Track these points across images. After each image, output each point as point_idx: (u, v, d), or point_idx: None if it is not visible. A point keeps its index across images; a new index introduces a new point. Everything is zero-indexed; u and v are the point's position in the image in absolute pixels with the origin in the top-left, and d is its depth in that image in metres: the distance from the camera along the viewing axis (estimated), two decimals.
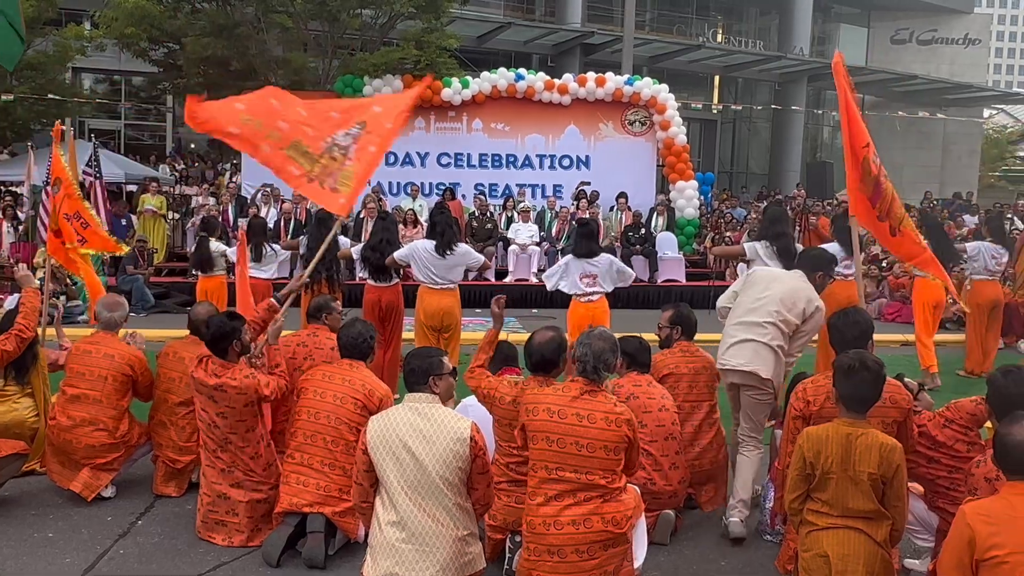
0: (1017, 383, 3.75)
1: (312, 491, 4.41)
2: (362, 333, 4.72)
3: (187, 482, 5.36)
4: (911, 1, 35.04)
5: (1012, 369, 3.88)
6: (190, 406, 5.14)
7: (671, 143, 16.90)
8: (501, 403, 4.28)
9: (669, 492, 4.70)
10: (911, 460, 4.14)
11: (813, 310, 5.11)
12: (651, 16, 32.77)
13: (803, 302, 5.09)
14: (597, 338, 3.87)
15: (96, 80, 27.01)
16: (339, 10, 16.74)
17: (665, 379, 5.10)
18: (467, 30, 24.26)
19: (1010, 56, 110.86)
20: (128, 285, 12.50)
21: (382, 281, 7.61)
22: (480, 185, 16.71)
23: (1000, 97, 40.16)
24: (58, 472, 5.28)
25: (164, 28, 16.65)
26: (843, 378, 3.75)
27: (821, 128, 37.03)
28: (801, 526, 3.80)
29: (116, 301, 5.62)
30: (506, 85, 16.50)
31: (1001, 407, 3.70)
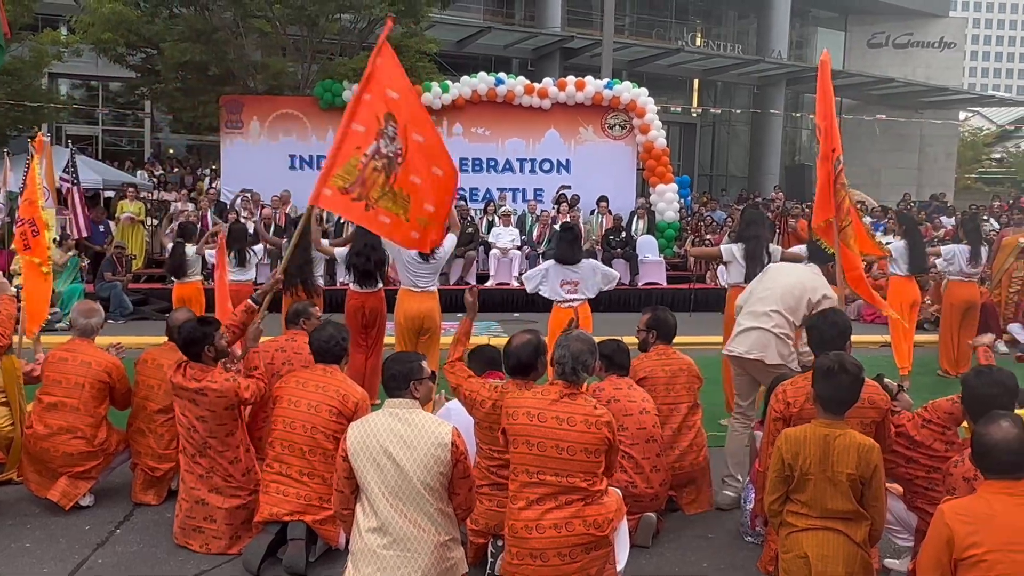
0: (989, 383, 3.80)
1: (292, 500, 4.38)
2: (334, 336, 4.66)
3: (166, 490, 5.31)
4: (887, 5, 35.36)
5: (984, 370, 3.94)
6: (169, 413, 5.11)
7: (651, 146, 16.94)
8: (481, 406, 4.27)
9: (651, 495, 4.71)
10: (890, 460, 4.17)
11: (820, 298, 5.44)
12: (630, 20, 32.89)
13: (810, 292, 5.46)
14: (575, 340, 3.88)
15: (73, 85, 26.81)
16: (318, 15, 16.70)
17: (642, 383, 5.09)
18: (447, 35, 24.25)
19: (985, 59, 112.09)
20: (106, 292, 12.41)
21: (367, 287, 7.60)
22: (461, 189, 16.65)
23: (975, 100, 40.61)
24: (35, 481, 5.22)
25: (141, 33, 16.54)
26: (822, 379, 3.78)
27: (800, 131, 37.31)
28: (781, 527, 3.81)
29: (91, 307, 5.57)
30: (486, 89, 16.50)
31: (975, 407, 3.75)
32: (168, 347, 5.37)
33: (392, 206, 5.00)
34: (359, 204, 4.95)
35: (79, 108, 25.21)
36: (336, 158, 4.94)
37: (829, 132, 5.64)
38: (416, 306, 7.25)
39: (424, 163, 5.09)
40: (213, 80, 17.55)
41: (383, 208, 4.98)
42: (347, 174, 4.91)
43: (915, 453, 4.28)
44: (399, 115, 5.03)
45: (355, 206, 4.96)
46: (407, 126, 5.05)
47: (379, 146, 4.96)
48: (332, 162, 4.94)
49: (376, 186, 4.95)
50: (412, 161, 5.03)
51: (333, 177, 4.91)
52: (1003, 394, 3.77)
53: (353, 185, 4.92)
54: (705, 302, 14.07)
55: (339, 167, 4.91)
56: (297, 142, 16.15)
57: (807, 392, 4.15)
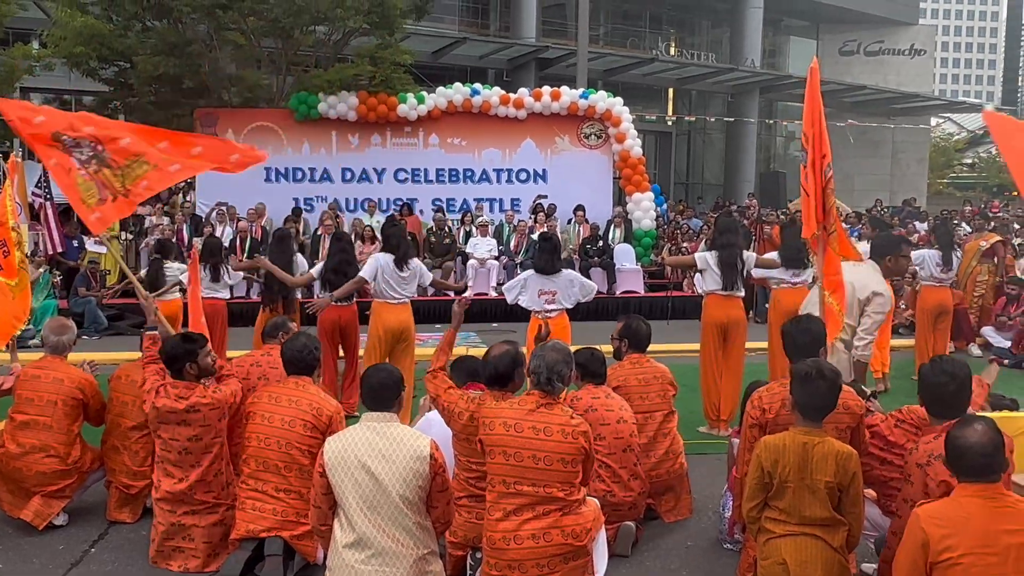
0: (939, 372, 3.87)
1: (269, 517, 4.34)
2: (306, 346, 4.61)
3: (141, 508, 5.25)
4: (858, 14, 35.76)
5: (936, 359, 4.01)
6: (144, 430, 5.07)
7: (627, 155, 17.02)
8: (459, 418, 4.26)
9: (629, 503, 4.71)
10: (865, 463, 4.20)
11: (869, 295, 6.04)
12: (604, 30, 33.05)
13: (858, 292, 6.00)
14: (551, 350, 3.88)
15: (45, 100, 26.49)
16: (292, 27, 16.65)
17: (615, 391, 5.09)
18: (422, 46, 24.25)
19: (955, 66, 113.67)
20: (80, 307, 12.29)
21: (341, 301, 7.57)
22: (438, 200, 16.69)
23: (946, 106, 41.18)
24: (8, 501, 5.15)
25: (114, 47, 16.42)
26: (800, 386, 3.80)
27: (774, 138, 37.61)
28: (759, 534, 3.83)
29: (62, 324, 5.51)
30: (462, 100, 16.52)
31: (926, 396, 3.93)
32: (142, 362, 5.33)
33: (136, 173, 5.21)
34: (119, 200, 5.17)
35: None
36: (70, 193, 5.17)
37: (818, 139, 5.69)
38: (396, 317, 7.25)
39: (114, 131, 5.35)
40: (187, 93, 17.46)
41: (132, 184, 5.19)
42: (89, 192, 5.13)
43: (889, 454, 4.32)
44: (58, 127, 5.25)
45: (119, 204, 5.18)
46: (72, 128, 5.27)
47: (78, 156, 5.21)
48: (73, 197, 5.18)
49: (112, 179, 5.17)
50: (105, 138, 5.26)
51: (85, 204, 5.13)
52: (951, 382, 3.82)
53: (103, 191, 5.15)
54: (683, 310, 14.13)
55: (80, 194, 5.13)
56: (272, 154, 16.03)
57: (782, 398, 4.17)
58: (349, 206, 16.31)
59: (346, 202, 16.34)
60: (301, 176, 16.32)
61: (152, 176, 5.21)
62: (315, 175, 16.37)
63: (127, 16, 16.09)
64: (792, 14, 36.03)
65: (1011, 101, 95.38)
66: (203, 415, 4.51)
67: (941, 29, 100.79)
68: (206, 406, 4.51)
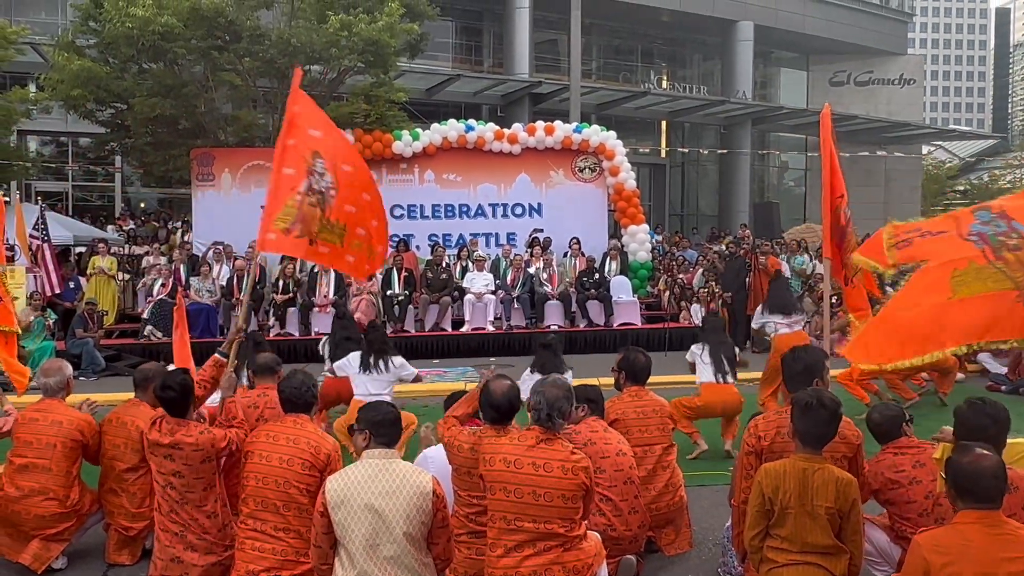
0: (982, 415, 3.88)
1: (268, 557, 4.31)
2: (304, 382, 4.59)
3: (140, 549, 5.22)
4: (847, 44, 36.20)
5: (977, 402, 3.99)
6: (139, 471, 5.06)
7: (621, 188, 17.13)
8: (460, 451, 4.26)
9: (629, 537, 4.70)
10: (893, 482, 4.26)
11: None
12: (597, 65, 33.41)
13: None
14: (551, 386, 3.89)
15: (42, 142, 26.73)
16: (287, 67, 16.81)
17: (613, 424, 5.10)
18: (416, 83, 24.49)
19: (945, 94, 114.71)
20: (78, 348, 12.28)
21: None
22: (434, 236, 16.74)
23: (937, 134, 41.53)
24: (7, 545, 5.12)
25: (111, 89, 16.55)
26: (800, 415, 3.81)
27: (767, 169, 37.87)
28: (762, 564, 3.82)
29: (55, 367, 5.49)
30: (456, 136, 16.65)
31: (968, 438, 3.77)
32: (132, 404, 5.34)
33: (330, 236, 5.23)
34: (302, 241, 5.15)
35: (49, 164, 25.10)
36: (274, 204, 5.11)
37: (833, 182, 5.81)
38: None
39: (355, 191, 5.36)
40: (183, 133, 17.57)
41: (323, 240, 5.20)
42: (286, 215, 5.10)
43: None
44: (324, 151, 5.26)
45: (299, 243, 5.16)
46: (335, 159, 5.29)
47: (311, 183, 5.18)
48: (271, 208, 5.11)
49: (315, 220, 5.16)
50: (344, 191, 5.28)
51: (274, 222, 5.08)
52: (992, 425, 3.84)
53: (294, 224, 5.10)
54: (680, 341, 14.13)
55: (278, 211, 5.09)
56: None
57: (777, 426, 4.19)
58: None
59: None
60: None
61: (335, 250, 5.27)
62: None
63: (123, 59, 16.21)
64: (782, 46, 36.46)
65: (1002, 128, 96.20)
66: (185, 453, 4.51)
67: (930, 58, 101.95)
68: (189, 445, 4.51)
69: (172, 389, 4.63)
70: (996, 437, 3.84)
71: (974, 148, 50.93)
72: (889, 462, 4.42)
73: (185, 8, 15.19)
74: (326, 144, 5.30)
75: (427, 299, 14.50)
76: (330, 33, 15.77)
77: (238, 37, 15.98)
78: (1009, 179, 45.33)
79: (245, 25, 15.95)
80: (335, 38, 15.81)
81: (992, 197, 36.58)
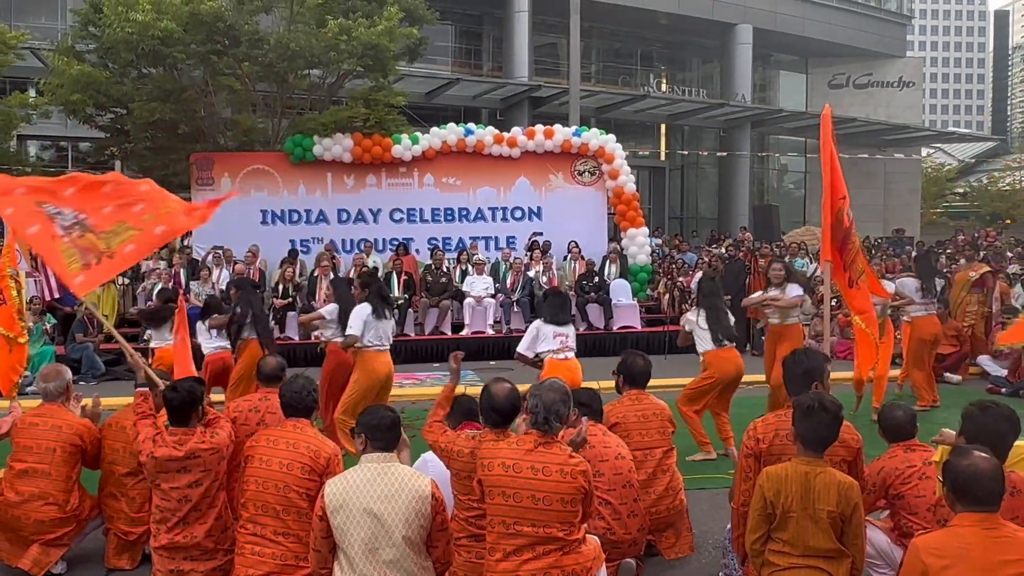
0: (998, 419, 3.85)
1: (268, 561, 4.29)
2: (305, 387, 4.59)
3: (140, 554, 5.22)
4: (846, 47, 36.23)
5: (990, 405, 3.97)
6: (138, 476, 5.06)
7: (621, 191, 17.13)
8: (459, 456, 4.25)
9: (629, 540, 4.70)
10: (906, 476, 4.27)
11: None
12: (596, 68, 33.45)
13: None
14: (547, 389, 3.89)
15: (42, 147, 26.73)
16: (287, 71, 16.82)
17: (614, 428, 5.11)
18: (415, 87, 24.51)
19: (944, 97, 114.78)
20: (78, 353, 12.28)
21: None
22: (434, 239, 16.73)
23: (936, 137, 41.55)
24: (7, 550, 5.11)
25: (110, 94, 16.56)
26: (802, 418, 3.82)
27: (767, 172, 37.90)
28: (763, 567, 3.82)
29: (53, 371, 5.49)
30: (456, 140, 16.66)
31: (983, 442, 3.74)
32: (131, 409, 5.33)
33: (120, 238, 5.26)
34: (104, 263, 5.19)
35: (48, 169, 25.09)
36: (53, 258, 5.22)
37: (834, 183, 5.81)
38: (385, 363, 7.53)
39: (96, 196, 5.42)
40: (183, 138, 17.58)
41: (116, 245, 5.24)
42: (71, 258, 5.15)
43: None
44: (40, 195, 5.35)
45: (104, 266, 5.20)
46: (53, 194, 5.37)
47: (60, 222, 5.25)
48: (55, 263, 5.23)
49: (96, 242, 5.21)
50: (88, 207, 5.33)
51: (68, 268, 5.13)
52: (1010, 431, 3.84)
53: (86, 256, 5.17)
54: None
55: (63, 260, 5.15)
56: (268, 197, 16.17)
57: (775, 428, 4.20)
58: (345, 247, 16.36)
59: (342, 243, 16.39)
60: (297, 218, 16.38)
61: (138, 239, 5.27)
62: (311, 217, 16.42)
63: (123, 63, 16.23)
64: (781, 49, 36.50)
65: (1001, 131, 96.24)
66: (203, 460, 4.50)
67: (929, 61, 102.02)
68: (206, 451, 4.50)
69: (179, 393, 4.63)
70: (1009, 442, 3.83)
71: (973, 150, 50.95)
72: (901, 457, 4.43)
73: (184, 13, 15.20)
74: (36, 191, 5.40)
75: (427, 303, 14.50)
76: (329, 37, 15.78)
77: (237, 42, 16.00)
78: (1008, 181, 45.35)
79: (244, 30, 15.96)
80: (334, 42, 15.82)
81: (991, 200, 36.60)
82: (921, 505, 4.26)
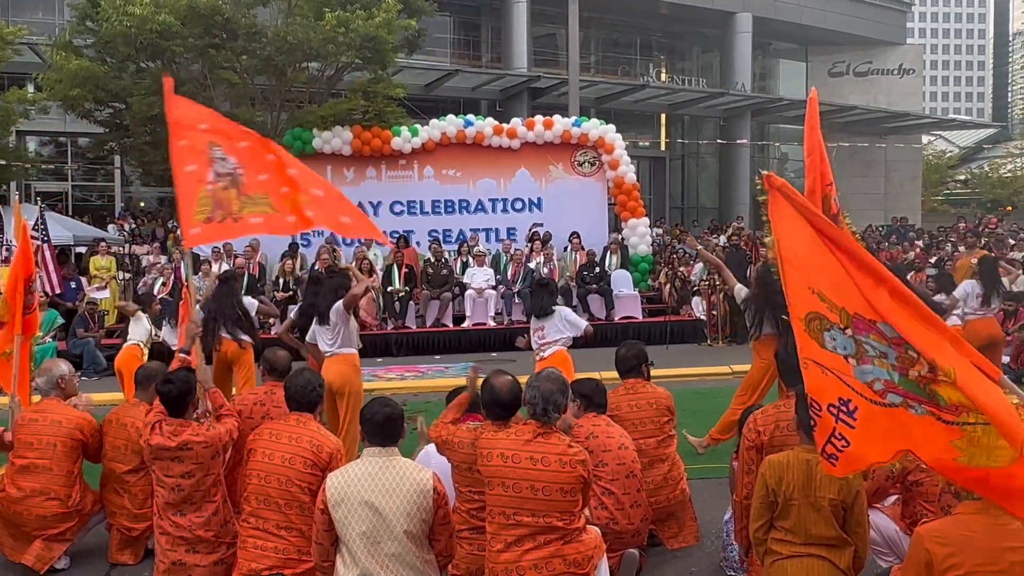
0: None
1: (271, 555, 4.29)
2: (311, 382, 4.59)
3: (143, 549, 5.23)
4: (846, 35, 36.09)
5: None
6: (140, 472, 5.06)
7: (621, 182, 17.11)
8: (460, 448, 4.24)
9: (631, 531, 4.68)
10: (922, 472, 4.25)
11: None
12: (595, 58, 33.36)
13: None
14: (545, 380, 3.88)
15: (41, 142, 26.72)
16: (285, 65, 16.79)
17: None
18: (415, 79, 24.44)
19: (944, 84, 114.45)
20: (79, 348, 12.29)
21: None
22: (434, 231, 16.73)
23: (936, 124, 41.42)
24: (9, 545, 5.13)
25: (109, 88, 16.53)
26: (804, 407, 3.80)
27: (768, 160, 37.79)
28: (766, 556, 3.82)
29: (46, 367, 5.50)
30: (455, 132, 16.63)
31: None
32: (131, 404, 5.33)
33: (256, 208, 5.26)
34: (227, 223, 5.20)
35: (48, 165, 25.10)
36: (187, 202, 5.18)
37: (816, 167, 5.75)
38: None
39: (260, 160, 5.43)
40: None
41: (249, 214, 5.24)
42: (203, 207, 5.15)
43: None
44: (217, 138, 5.35)
45: (225, 226, 5.22)
46: (230, 140, 5.38)
47: (216, 170, 5.25)
48: (186, 207, 5.17)
49: (233, 200, 5.21)
50: (250, 165, 5.34)
51: (194, 216, 5.12)
52: None
53: (214, 211, 5.16)
54: (681, 334, 14.14)
55: (193, 208, 5.13)
56: None
57: (776, 420, 4.19)
58: (346, 240, 16.33)
59: (342, 236, 16.35)
60: None
61: (269, 217, 5.28)
62: None
63: (121, 58, 16.19)
64: (780, 37, 36.37)
65: (1001, 117, 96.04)
66: (195, 452, 4.50)
67: (929, 48, 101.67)
68: (199, 443, 4.50)
69: (174, 384, 4.63)
70: None
71: (974, 137, 50.86)
72: None
73: (182, 6, 15.17)
74: (216, 132, 5.42)
75: (428, 295, 14.50)
76: (327, 30, 15.74)
77: (235, 35, 15.96)
78: (1009, 168, 45.26)
79: (242, 23, 15.92)
80: (332, 35, 15.78)
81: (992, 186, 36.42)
82: (936, 494, 4.24)
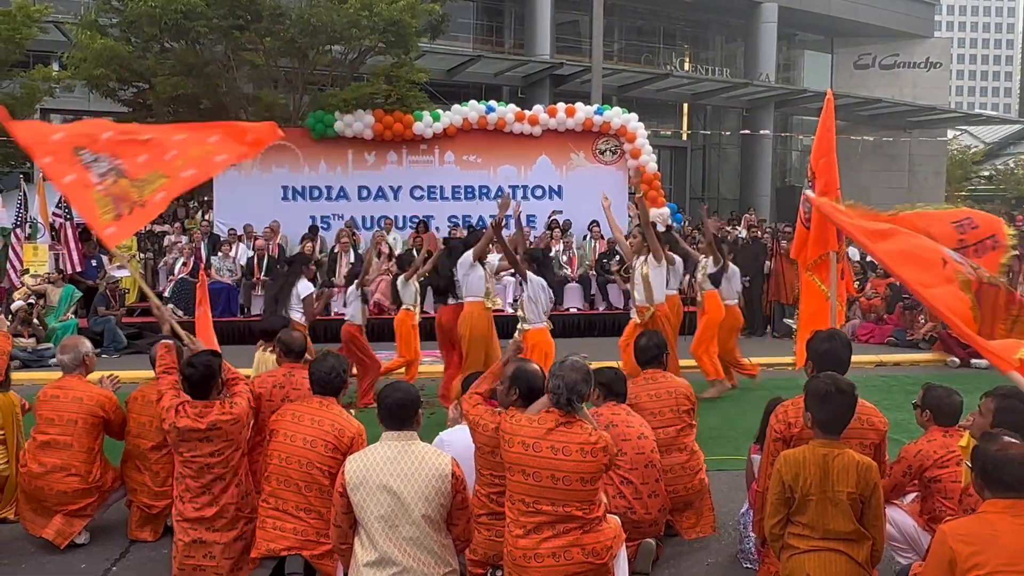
0: None
1: (289, 535, 4.30)
2: (335, 367, 4.56)
3: (163, 526, 5.26)
4: (872, 27, 35.75)
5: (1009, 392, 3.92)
6: (162, 449, 5.08)
7: (642, 171, 17.02)
8: (484, 430, 4.22)
9: (649, 520, 4.67)
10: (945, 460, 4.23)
11: None
12: (619, 46, 33.20)
13: None
14: (569, 369, 3.85)
15: (65, 121, 26.82)
16: (308, 47, 16.80)
17: None
18: (437, 64, 24.41)
19: (971, 78, 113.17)
20: (100, 326, 12.37)
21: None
22: (454, 217, 16.72)
23: (962, 118, 41.04)
24: (30, 520, 5.18)
25: (133, 68, 16.61)
26: (818, 404, 3.78)
27: (789, 152, 37.57)
28: (783, 551, 3.80)
29: (70, 343, 5.52)
30: (477, 117, 16.58)
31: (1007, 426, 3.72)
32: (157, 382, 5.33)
33: (152, 186, 5.21)
34: (136, 212, 5.12)
35: None
36: (86, 208, 5.13)
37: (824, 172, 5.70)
38: None
39: (133, 143, 5.37)
40: (205, 113, 17.60)
41: (148, 194, 5.18)
42: (105, 208, 5.08)
43: None
44: (78, 140, 5.28)
45: (135, 215, 5.14)
46: (91, 138, 5.31)
47: (95, 171, 5.18)
48: (88, 213, 5.13)
49: (129, 190, 5.15)
50: (124, 152, 5.28)
51: (101, 219, 5.05)
52: None
53: (118, 206, 5.09)
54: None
55: (96, 211, 5.07)
56: (290, 173, 16.18)
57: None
58: (366, 224, 16.36)
59: (362, 220, 16.39)
60: (318, 194, 16.38)
61: (168, 186, 5.24)
62: (332, 193, 16.42)
63: (146, 38, 16.24)
64: (806, 28, 36.08)
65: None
66: (224, 431, 4.49)
67: (956, 41, 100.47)
68: (227, 422, 4.49)
69: (196, 368, 4.62)
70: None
71: (1000, 133, 50.26)
72: (940, 442, 4.35)
73: None
74: (74, 136, 5.34)
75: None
76: (351, 13, 15.74)
77: (259, 16, 15.98)
78: None
79: (266, 4, 15.95)
80: (356, 18, 15.77)
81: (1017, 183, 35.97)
82: (957, 490, 4.20)
